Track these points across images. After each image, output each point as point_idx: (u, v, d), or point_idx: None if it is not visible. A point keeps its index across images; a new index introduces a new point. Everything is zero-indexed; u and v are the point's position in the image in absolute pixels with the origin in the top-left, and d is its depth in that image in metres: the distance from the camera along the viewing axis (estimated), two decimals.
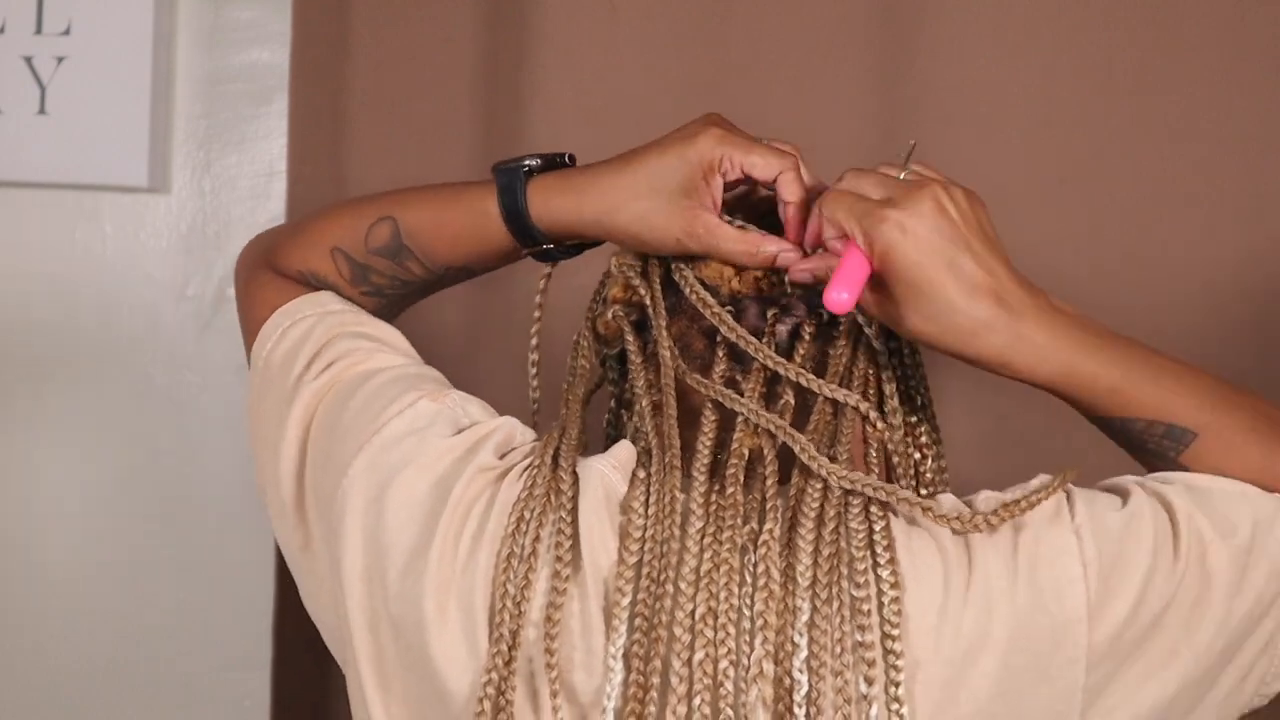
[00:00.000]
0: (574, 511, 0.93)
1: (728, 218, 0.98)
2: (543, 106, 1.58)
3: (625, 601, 0.89)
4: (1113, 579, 0.88)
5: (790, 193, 0.97)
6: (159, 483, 1.84)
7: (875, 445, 0.96)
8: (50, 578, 1.86)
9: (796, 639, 0.87)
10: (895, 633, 0.86)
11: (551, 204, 1.01)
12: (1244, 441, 0.94)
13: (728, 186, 0.98)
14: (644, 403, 0.98)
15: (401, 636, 0.94)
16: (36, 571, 1.86)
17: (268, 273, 1.13)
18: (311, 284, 1.11)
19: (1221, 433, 0.93)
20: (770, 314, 0.98)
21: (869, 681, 0.86)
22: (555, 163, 1.03)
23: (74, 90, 1.78)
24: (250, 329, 1.12)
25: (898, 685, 0.85)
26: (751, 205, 1.01)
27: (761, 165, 0.97)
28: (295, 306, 1.09)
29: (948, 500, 0.92)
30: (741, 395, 0.95)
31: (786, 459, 0.94)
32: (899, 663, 0.86)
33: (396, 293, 1.10)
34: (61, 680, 1.85)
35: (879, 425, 0.96)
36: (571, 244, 1.05)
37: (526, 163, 1.02)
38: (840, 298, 0.88)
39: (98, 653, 1.84)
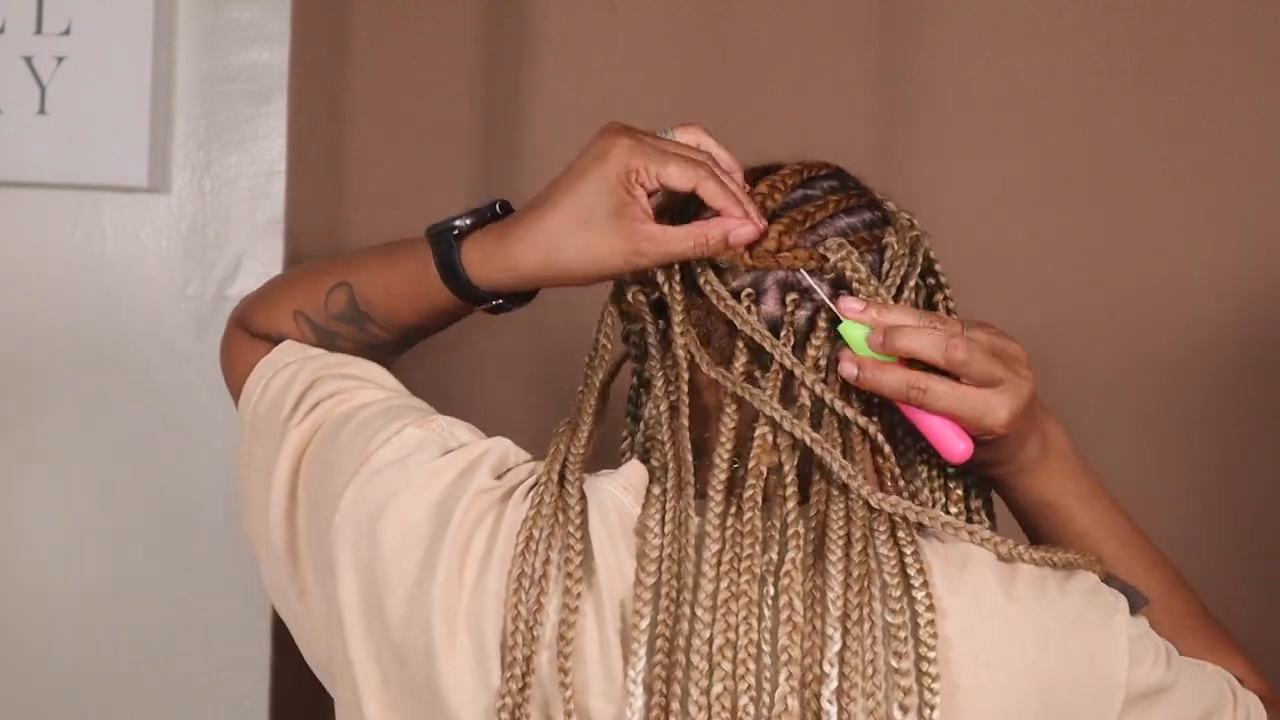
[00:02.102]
0: (583, 528, 0.91)
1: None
2: (543, 106, 1.58)
3: (644, 624, 0.88)
4: (1144, 655, 0.92)
5: (716, 199, 0.94)
6: (158, 482, 1.83)
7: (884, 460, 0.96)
8: (49, 577, 1.86)
9: (826, 669, 0.86)
10: (931, 655, 0.86)
11: (490, 263, 0.99)
12: (1190, 627, 1.01)
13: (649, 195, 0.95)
14: (662, 406, 0.96)
15: (407, 665, 0.93)
16: (35, 570, 1.86)
17: (242, 334, 1.12)
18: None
19: (1173, 609, 1.01)
20: (790, 299, 0.95)
21: (904, 710, 0.85)
22: (489, 215, 1.01)
23: (74, 90, 1.77)
24: (234, 388, 1.12)
25: (932, 708, 0.85)
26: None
27: (678, 176, 0.94)
28: (277, 355, 1.08)
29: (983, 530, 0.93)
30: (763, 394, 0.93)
31: (804, 475, 0.92)
32: (934, 685, 0.85)
33: (366, 354, 1.09)
34: (61, 680, 1.85)
35: (887, 453, 0.94)
36: (522, 293, 1.02)
37: (456, 224, 1.00)
38: (959, 448, 0.96)
39: (97, 652, 1.84)
